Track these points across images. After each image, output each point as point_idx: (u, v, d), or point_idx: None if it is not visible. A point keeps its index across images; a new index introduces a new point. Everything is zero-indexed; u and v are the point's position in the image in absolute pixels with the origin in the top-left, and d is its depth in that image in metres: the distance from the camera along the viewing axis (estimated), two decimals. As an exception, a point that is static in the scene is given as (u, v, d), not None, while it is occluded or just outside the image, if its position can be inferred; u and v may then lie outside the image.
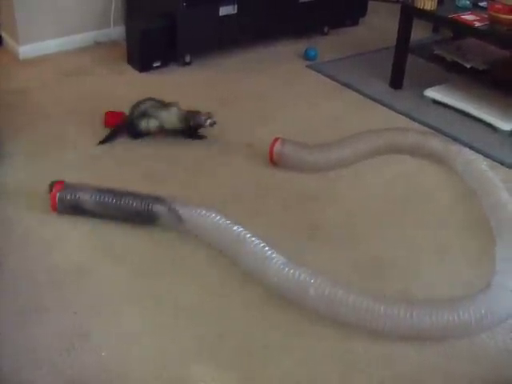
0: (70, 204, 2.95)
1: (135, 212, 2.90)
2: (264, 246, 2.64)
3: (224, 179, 3.40)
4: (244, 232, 2.71)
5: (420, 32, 4.99)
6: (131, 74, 4.51)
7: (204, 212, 2.80)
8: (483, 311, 2.45)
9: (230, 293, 2.64)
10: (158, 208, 2.88)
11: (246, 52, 4.93)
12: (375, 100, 4.27)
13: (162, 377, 2.25)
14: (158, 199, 2.91)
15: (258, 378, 2.28)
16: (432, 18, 4.49)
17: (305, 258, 2.76)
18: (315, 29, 5.38)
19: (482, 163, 3.44)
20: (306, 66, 4.81)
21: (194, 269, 2.75)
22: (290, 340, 2.43)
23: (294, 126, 3.92)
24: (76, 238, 2.88)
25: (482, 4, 4.27)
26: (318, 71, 4.72)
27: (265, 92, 4.28)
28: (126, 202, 2.90)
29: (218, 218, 2.77)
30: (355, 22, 5.68)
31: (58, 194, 2.93)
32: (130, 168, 3.43)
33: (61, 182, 2.98)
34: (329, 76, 4.64)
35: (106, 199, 2.91)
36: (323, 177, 3.45)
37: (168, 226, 2.89)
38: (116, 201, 2.90)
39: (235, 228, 2.73)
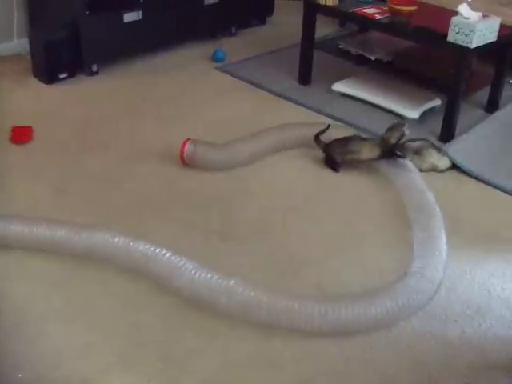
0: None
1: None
2: (171, 256, 2.60)
3: (134, 185, 3.36)
4: (148, 246, 2.66)
5: (328, 27, 5.06)
6: (38, 87, 4.42)
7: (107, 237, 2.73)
8: (400, 300, 2.50)
9: (147, 302, 2.61)
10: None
11: (154, 57, 4.90)
12: (284, 97, 4.31)
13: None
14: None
15: (180, 385, 2.27)
16: (334, 13, 4.54)
17: (218, 260, 2.77)
18: (223, 30, 5.39)
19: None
20: (215, 68, 4.82)
21: (109, 281, 2.71)
22: (209, 345, 2.42)
23: (205, 128, 3.91)
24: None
25: (382, -3, 4.36)
26: (227, 72, 4.73)
27: (174, 96, 4.26)
28: None
29: (117, 239, 2.70)
30: (263, 21, 5.73)
31: None
32: (39, 181, 3.35)
33: None
34: (238, 76, 4.66)
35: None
36: (235, 175, 3.46)
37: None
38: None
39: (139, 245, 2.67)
